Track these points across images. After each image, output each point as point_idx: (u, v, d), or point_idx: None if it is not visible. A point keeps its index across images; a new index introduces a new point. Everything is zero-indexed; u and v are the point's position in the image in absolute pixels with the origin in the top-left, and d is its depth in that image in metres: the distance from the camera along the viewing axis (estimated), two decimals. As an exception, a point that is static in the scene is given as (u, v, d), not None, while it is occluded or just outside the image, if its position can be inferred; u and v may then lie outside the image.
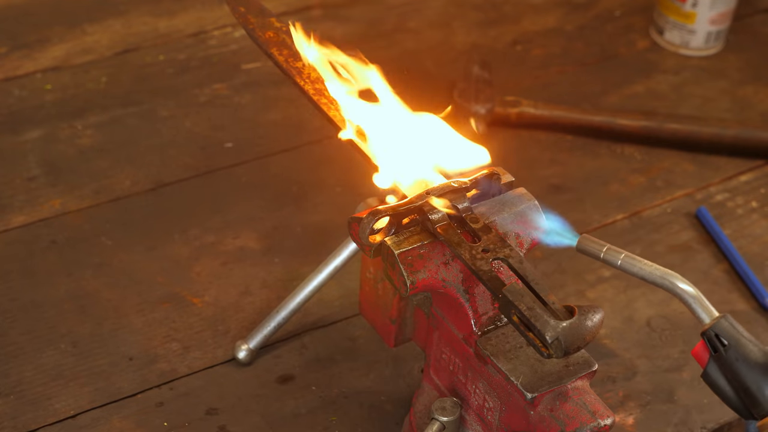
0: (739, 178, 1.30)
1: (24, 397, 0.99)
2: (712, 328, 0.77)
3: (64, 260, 1.12)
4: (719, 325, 0.77)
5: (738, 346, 0.76)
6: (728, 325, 0.77)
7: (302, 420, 0.99)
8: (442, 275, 0.83)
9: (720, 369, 0.77)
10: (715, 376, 0.78)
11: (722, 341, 0.77)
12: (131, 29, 1.44)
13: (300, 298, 1.02)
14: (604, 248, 0.81)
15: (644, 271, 0.80)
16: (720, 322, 0.77)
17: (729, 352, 0.77)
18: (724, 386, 0.77)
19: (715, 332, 0.77)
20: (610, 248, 0.81)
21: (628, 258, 0.80)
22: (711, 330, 0.78)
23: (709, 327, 0.78)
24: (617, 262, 0.81)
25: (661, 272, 0.79)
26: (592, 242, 0.82)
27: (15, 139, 1.26)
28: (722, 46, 1.51)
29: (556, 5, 1.57)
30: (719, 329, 0.77)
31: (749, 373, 0.76)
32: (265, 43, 0.99)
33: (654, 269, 0.80)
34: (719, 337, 0.77)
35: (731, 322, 0.77)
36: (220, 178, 1.24)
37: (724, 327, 0.77)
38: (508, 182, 0.88)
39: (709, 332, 0.78)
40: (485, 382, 0.85)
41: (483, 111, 1.30)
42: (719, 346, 0.77)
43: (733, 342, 0.77)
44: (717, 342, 0.77)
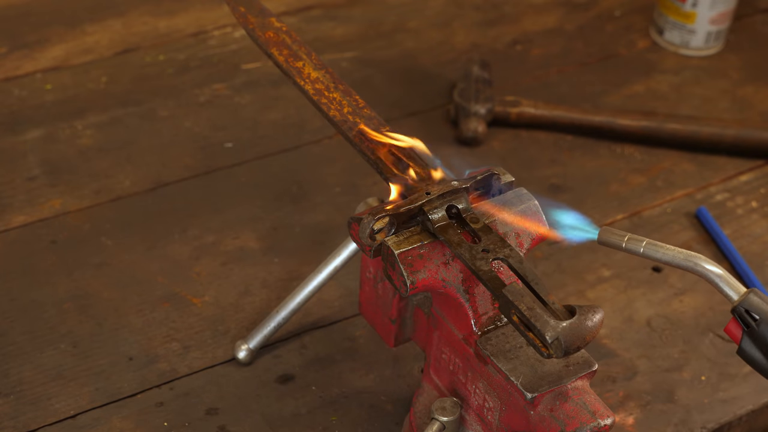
0: (739, 178, 1.30)
1: (24, 397, 0.99)
2: (741, 303, 0.77)
3: (64, 260, 1.12)
4: (748, 300, 0.77)
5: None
6: (757, 299, 0.77)
7: (302, 420, 0.99)
8: (442, 275, 0.83)
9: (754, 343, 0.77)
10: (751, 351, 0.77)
11: (753, 316, 0.77)
12: (131, 29, 1.44)
13: (300, 298, 1.02)
14: (626, 237, 0.82)
15: (668, 255, 0.80)
16: (749, 297, 0.77)
17: (761, 326, 0.77)
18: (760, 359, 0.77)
19: (745, 308, 0.77)
20: (632, 237, 0.82)
21: (650, 245, 0.81)
22: (740, 306, 0.77)
23: (738, 303, 0.77)
24: (640, 250, 0.81)
25: (684, 255, 0.80)
26: (612, 233, 0.83)
27: (15, 139, 1.26)
28: (722, 46, 1.51)
29: (556, 5, 1.57)
30: (748, 304, 0.77)
31: None
32: (265, 43, 0.99)
33: (677, 252, 0.80)
34: (749, 312, 0.77)
35: (760, 295, 0.77)
36: (220, 178, 1.24)
37: (753, 301, 0.77)
38: (508, 182, 0.88)
39: (739, 308, 0.77)
40: (485, 382, 0.85)
41: (483, 111, 1.30)
42: (750, 321, 0.77)
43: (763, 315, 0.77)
44: (748, 317, 0.77)
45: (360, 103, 0.94)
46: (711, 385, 1.05)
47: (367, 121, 0.93)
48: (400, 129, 1.30)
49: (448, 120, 1.34)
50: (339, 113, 0.93)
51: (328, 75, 0.97)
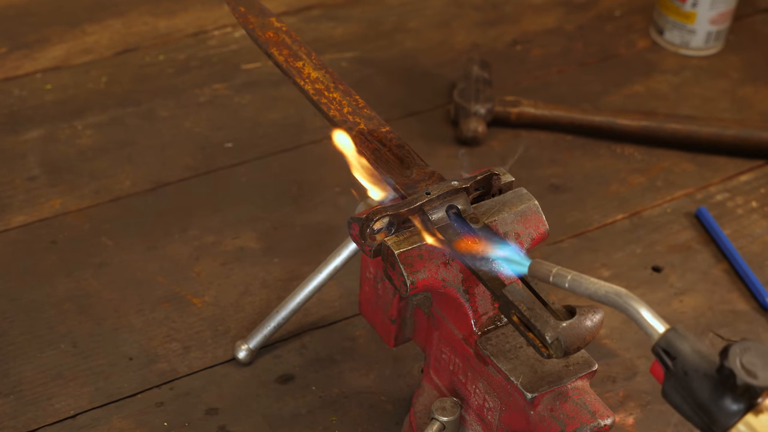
0: (739, 178, 1.30)
1: (24, 397, 0.99)
2: (658, 343, 0.71)
3: (64, 260, 1.12)
4: (666, 338, 0.70)
5: (685, 359, 0.69)
6: (674, 338, 0.70)
7: (302, 420, 0.99)
8: (442, 275, 0.83)
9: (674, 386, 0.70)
10: (672, 394, 0.70)
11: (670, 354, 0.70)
12: (131, 29, 1.45)
13: (300, 298, 1.02)
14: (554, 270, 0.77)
15: (590, 289, 0.75)
16: (666, 336, 0.70)
17: (677, 367, 0.70)
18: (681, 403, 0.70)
19: (662, 347, 0.70)
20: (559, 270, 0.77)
21: (576, 277, 0.76)
22: (657, 345, 0.71)
23: (656, 342, 0.71)
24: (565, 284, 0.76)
25: (605, 289, 0.74)
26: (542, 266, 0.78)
27: (15, 139, 1.26)
28: (722, 46, 1.51)
29: (556, 5, 1.57)
30: (665, 343, 0.70)
31: (701, 387, 0.69)
32: (265, 43, 0.99)
33: (599, 286, 0.74)
34: (667, 352, 0.70)
35: (680, 333, 0.70)
36: (220, 178, 1.24)
37: (670, 340, 0.70)
38: (508, 182, 0.88)
39: (656, 348, 0.71)
40: (485, 382, 0.85)
41: (483, 111, 1.30)
42: (668, 361, 0.70)
43: (679, 355, 0.69)
44: (666, 356, 0.70)
45: (360, 103, 0.94)
46: (711, 385, 1.05)
47: (367, 121, 0.93)
48: (400, 129, 1.30)
49: (448, 120, 1.34)
50: (339, 113, 0.93)
51: (328, 75, 0.97)
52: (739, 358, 0.68)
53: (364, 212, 0.85)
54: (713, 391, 0.69)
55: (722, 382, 0.68)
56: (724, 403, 0.68)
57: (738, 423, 0.68)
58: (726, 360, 0.68)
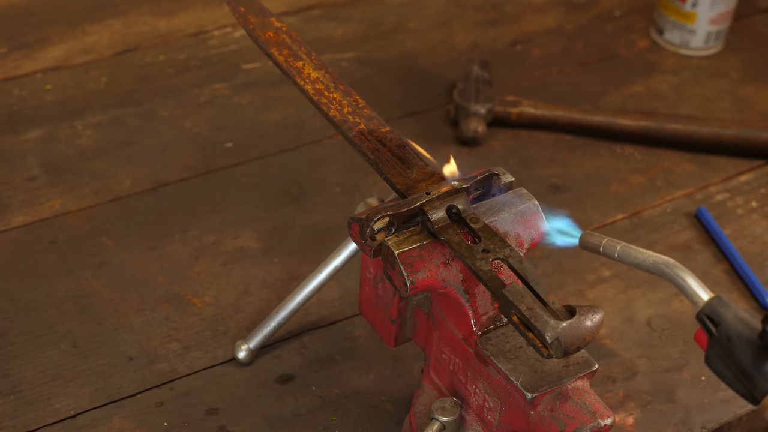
0: (739, 178, 1.30)
1: (24, 397, 0.99)
2: (703, 310, 0.73)
3: (64, 260, 1.12)
4: (710, 306, 0.73)
5: (729, 326, 0.72)
6: (719, 305, 0.73)
7: (302, 420, 0.99)
8: (442, 275, 0.83)
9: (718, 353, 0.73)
10: (716, 361, 0.73)
11: (715, 322, 0.73)
12: (131, 29, 1.44)
13: (300, 298, 1.02)
14: (604, 240, 0.81)
15: (639, 259, 0.79)
16: (710, 303, 0.73)
17: (721, 333, 0.72)
18: (724, 371, 0.73)
19: (707, 314, 0.73)
20: (609, 240, 0.81)
21: (625, 247, 0.80)
22: (702, 312, 0.73)
23: (701, 309, 0.73)
24: (614, 254, 0.81)
25: (653, 259, 0.78)
26: (593, 237, 0.83)
27: (15, 139, 1.26)
28: (722, 46, 1.51)
29: (556, 5, 1.57)
30: (710, 310, 0.73)
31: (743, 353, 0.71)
32: (265, 43, 0.99)
33: (647, 256, 0.79)
34: (711, 319, 0.73)
35: (724, 301, 0.73)
36: (220, 178, 1.24)
37: (714, 307, 0.73)
38: (508, 182, 0.88)
39: (700, 315, 0.73)
40: (485, 382, 0.85)
41: (483, 111, 1.30)
42: (712, 328, 0.72)
43: (723, 322, 0.72)
44: (710, 323, 0.73)
45: (360, 103, 0.94)
46: (711, 385, 1.05)
47: (367, 121, 0.93)
48: (400, 129, 1.30)
49: (448, 120, 1.34)
50: (339, 113, 0.93)
51: (328, 75, 0.97)
52: None
53: (364, 212, 0.85)
54: (755, 356, 0.71)
55: (764, 347, 0.70)
56: (765, 368, 0.71)
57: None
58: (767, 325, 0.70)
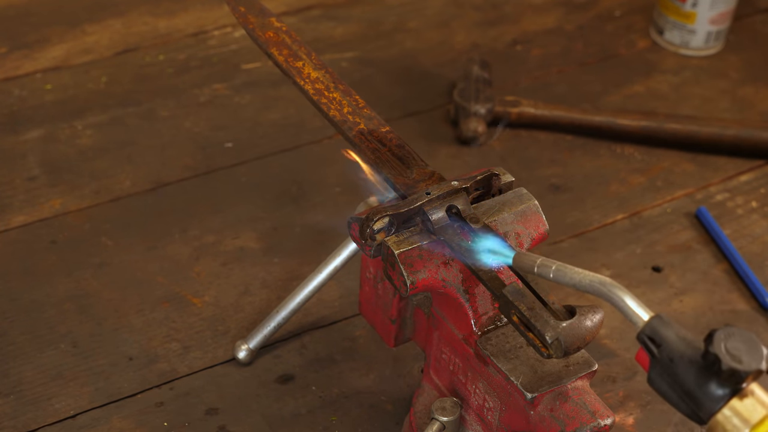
0: (739, 178, 1.30)
1: (24, 397, 0.99)
2: (643, 330, 0.71)
3: (64, 260, 1.12)
4: (650, 326, 0.71)
5: (670, 346, 0.70)
6: (659, 325, 0.71)
7: (302, 420, 0.99)
8: (442, 275, 0.83)
9: (660, 373, 0.71)
10: (658, 381, 0.71)
11: (655, 341, 0.71)
12: (131, 29, 1.45)
13: (300, 298, 1.02)
14: (538, 260, 0.77)
15: (575, 279, 0.75)
16: (651, 323, 0.71)
17: (662, 354, 0.70)
18: (668, 391, 0.70)
19: (647, 334, 0.71)
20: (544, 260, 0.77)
21: (560, 267, 0.76)
22: (642, 333, 0.71)
23: (641, 330, 0.71)
24: (550, 275, 0.76)
25: (589, 278, 0.74)
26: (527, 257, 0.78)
27: (15, 139, 1.26)
28: (722, 46, 1.51)
29: (556, 5, 1.57)
30: (650, 331, 0.70)
31: (686, 373, 0.69)
32: (265, 43, 0.99)
33: (583, 276, 0.75)
34: (652, 339, 0.71)
35: (665, 321, 0.71)
36: (220, 178, 1.24)
37: (655, 327, 0.70)
38: (508, 182, 0.88)
39: (641, 335, 0.71)
40: (485, 382, 0.85)
41: (483, 111, 1.30)
42: (653, 348, 0.70)
43: (664, 342, 0.70)
44: (651, 344, 0.70)
45: (360, 103, 0.94)
46: (711, 385, 1.05)
47: (367, 121, 0.93)
48: (400, 129, 1.30)
49: (448, 120, 1.34)
50: (339, 113, 0.93)
51: (328, 75, 0.97)
52: (724, 343, 0.68)
53: (364, 212, 0.85)
54: (698, 376, 0.69)
55: (707, 367, 0.68)
56: (710, 389, 0.69)
57: (723, 408, 0.68)
58: (711, 345, 0.68)
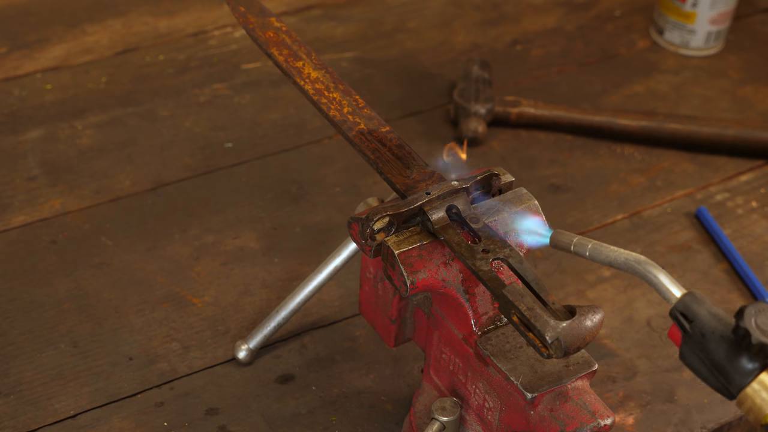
0: (739, 178, 1.30)
1: (24, 397, 0.99)
2: (675, 306, 0.73)
3: (64, 260, 1.12)
4: (683, 302, 0.73)
5: (702, 322, 0.72)
6: (692, 301, 0.73)
7: (302, 420, 0.99)
8: (442, 275, 0.83)
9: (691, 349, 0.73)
10: (690, 357, 0.73)
11: (688, 318, 0.73)
12: (131, 29, 1.44)
13: (300, 298, 1.02)
14: (575, 239, 0.80)
15: (610, 257, 0.78)
16: (683, 300, 0.73)
17: (695, 330, 0.72)
18: (699, 366, 0.73)
19: (680, 310, 0.73)
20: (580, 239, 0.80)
21: (596, 246, 0.79)
22: (675, 309, 0.73)
23: (674, 306, 0.74)
24: (586, 253, 0.79)
25: (624, 256, 0.77)
26: (564, 235, 0.81)
27: (15, 139, 1.26)
28: (722, 46, 1.51)
29: (556, 5, 1.57)
30: (683, 307, 0.73)
31: (717, 348, 0.72)
32: (265, 43, 0.99)
33: (619, 254, 0.77)
34: (684, 315, 0.73)
35: (697, 297, 0.73)
36: (220, 178, 1.24)
37: (687, 304, 0.73)
38: (508, 182, 0.88)
39: (674, 311, 0.73)
40: (485, 382, 0.85)
41: (483, 111, 1.30)
42: (686, 324, 0.73)
43: (696, 318, 0.72)
44: (683, 320, 0.73)
45: (360, 103, 0.94)
46: (711, 385, 1.05)
47: (367, 121, 0.93)
48: (400, 129, 1.30)
49: (448, 120, 1.34)
50: (339, 113, 0.93)
51: (328, 75, 0.97)
52: (754, 318, 0.71)
53: (364, 212, 0.85)
54: (729, 351, 0.71)
55: (737, 342, 0.71)
56: (740, 363, 0.71)
57: (753, 382, 0.71)
58: (741, 320, 0.70)
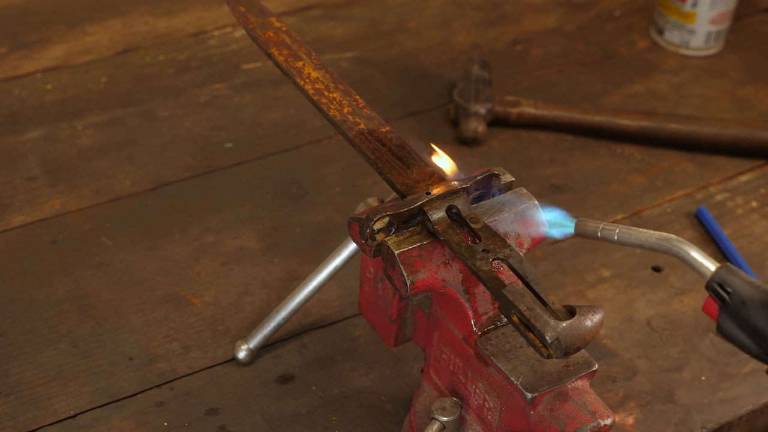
0: (739, 178, 1.30)
1: (24, 397, 0.99)
2: (712, 278, 0.76)
3: (64, 260, 1.12)
4: (719, 274, 0.76)
5: (741, 291, 0.75)
6: (727, 273, 0.75)
7: (302, 420, 0.99)
8: (442, 275, 0.83)
9: (731, 318, 0.75)
10: (729, 327, 0.75)
11: (726, 290, 0.75)
12: (131, 29, 1.45)
13: (300, 298, 1.02)
14: (601, 225, 0.82)
15: (640, 239, 0.80)
16: (719, 272, 0.76)
17: (734, 299, 0.75)
18: (738, 335, 0.75)
19: (717, 282, 0.75)
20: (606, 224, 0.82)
21: (624, 230, 0.81)
22: (712, 281, 0.76)
23: (711, 278, 0.76)
24: (614, 237, 0.81)
25: (655, 237, 0.79)
26: (588, 223, 0.83)
27: (15, 139, 1.26)
28: (722, 46, 1.51)
29: (556, 5, 1.57)
30: (720, 278, 0.75)
31: (757, 315, 0.74)
32: (265, 43, 0.99)
33: (648, 235, 0.80)
34: (722, 287, 0.75)
35: (731, 269, 0.76)
36: (220, 178, 1.24)
37: (724, 275, 0.75)
38: (508, 182, 0.88)
39: (711, 283, 0.76)
40: (485, 382, 0.85)
41: (483, 111, 1.30)
42: (724, 295, 0.75)
43: (734, 288, 0.75)
44: (721, 291, 0.75)
45: (360, 103, 0.94)
46: (711, 385, 1.05)
47: (367, 121, 0.93)
48: (400, 129, 1.30)
49: (448, 120, 1.34)
50: (339, 113, 0.93)
51: (328, 75, 0.97)
52: None
53: (364, 212, 0.85)
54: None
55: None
56: None
57: None
58: None
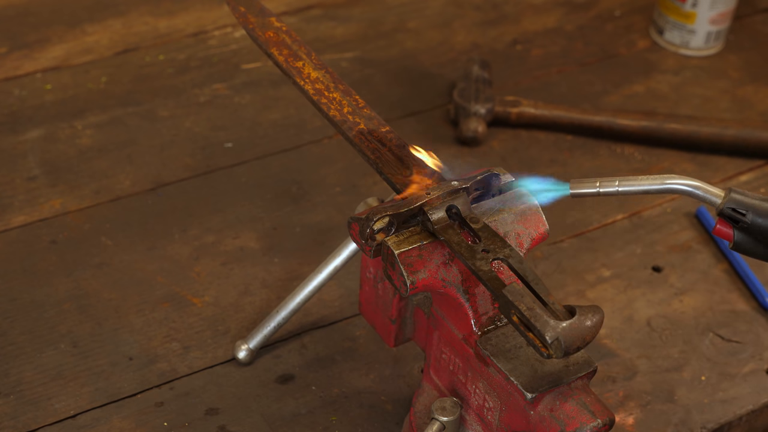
0: (739, 178, 1.30)
1: (24, 397, 0.99)
2: (726, 204, 0.82)
3: (64, 260, 1.12)
4: (732, 198, 0.82)
5: (756, 209, 0.82)
6: (740, 196, 0.82)
7: (302, 420, 0.99)
8: (442, 275, 0.83)
9: (749, 235, 0.82)
10: (746, 243, 0.83)
11: (740, 211, 0.82)
12: (131, 29, 1.44)
13: (300, 298, 1.02)
14: (597, 183, 0.85)
15: (642, 186, 0.83)
16: (731, 196, 0.82)
17: (750, 217, 0.82)
18: (756, 247, 0.82)
19: (731, 206, 0.82)
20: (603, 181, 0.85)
21: (623, 181, 0.84)
22: (726, 206, 0.82)
23: (724, 204, 0.82)
24: (616, 188, 0.84)
25: (659, 179, 0.83)
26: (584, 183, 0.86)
27: (15, 139, 1.26)
28: (722, 46, 1.51)
29: (556, 5, 1.57)
30: (734, 202, 0.82)
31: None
32: (265, 43, 0.99)
33: (650, 180, 0.83)
34: (736, 210, 0.82)
35: (739, 191, 0.82)
36: (220, 178, 1.24)
37: (736, 199, 0.82)
38: (508, 182, 0.88)
39: (725, 209, 0.82)
40: (485, 382, 0.85)
41: (483, 111, 1.30)
42: (739, 216, 0.82)
43: (749, 207, 0.82)
44: (736, 214, 0.82)
45: (360, 103, 0.94)
46: (711, 385, 1.05)
47: (367, 121, 0.93)
48: (400, 129, 1.30)
49: (448, 120, 1.34)
50: (339, 113, 0.93)
51: (328, 75, 0.97)
52: None
53: (364, 212, 0.85)
54: None
55: None
56: None
57: None
58: None
